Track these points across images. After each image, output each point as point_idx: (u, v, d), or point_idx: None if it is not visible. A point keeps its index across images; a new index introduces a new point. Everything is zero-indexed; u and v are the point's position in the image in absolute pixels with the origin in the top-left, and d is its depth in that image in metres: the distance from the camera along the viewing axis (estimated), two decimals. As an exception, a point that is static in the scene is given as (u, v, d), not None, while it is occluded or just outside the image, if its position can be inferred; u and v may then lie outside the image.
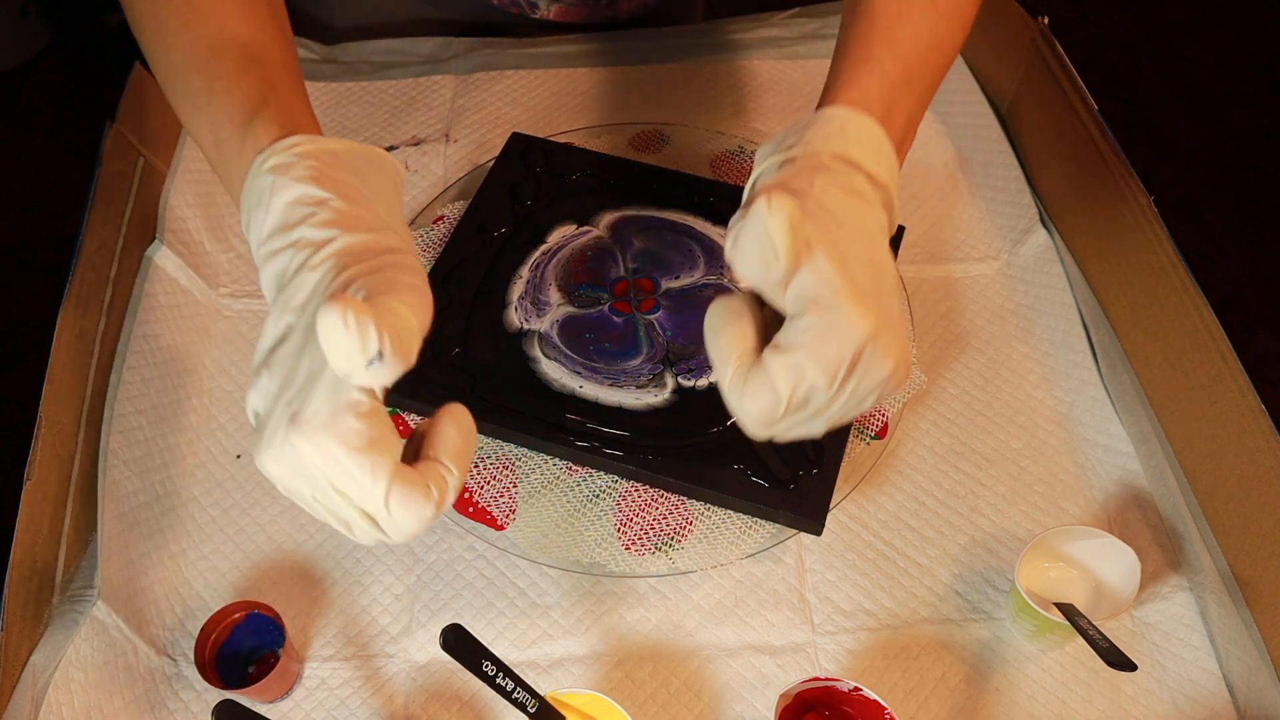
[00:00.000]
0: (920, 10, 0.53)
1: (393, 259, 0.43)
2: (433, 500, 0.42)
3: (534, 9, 0.91)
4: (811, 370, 0.42)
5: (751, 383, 0.43)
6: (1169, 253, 0.66)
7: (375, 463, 0.40)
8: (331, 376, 0.40)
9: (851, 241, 0.44)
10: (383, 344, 0.38)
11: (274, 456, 0.40)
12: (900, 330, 0.44)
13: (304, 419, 0.39)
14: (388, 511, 0.41)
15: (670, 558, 0.63)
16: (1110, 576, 0.61)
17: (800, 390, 0.43)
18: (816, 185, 0.45)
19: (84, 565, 0.62)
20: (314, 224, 0.43)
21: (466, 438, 0.44)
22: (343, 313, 0.37)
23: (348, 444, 0.39)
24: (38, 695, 0.54)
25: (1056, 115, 0.77)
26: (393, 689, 0.61)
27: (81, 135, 1.89)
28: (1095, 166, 0.73)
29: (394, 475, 0.40)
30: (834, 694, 0.55)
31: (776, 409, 0.43)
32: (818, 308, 0.42)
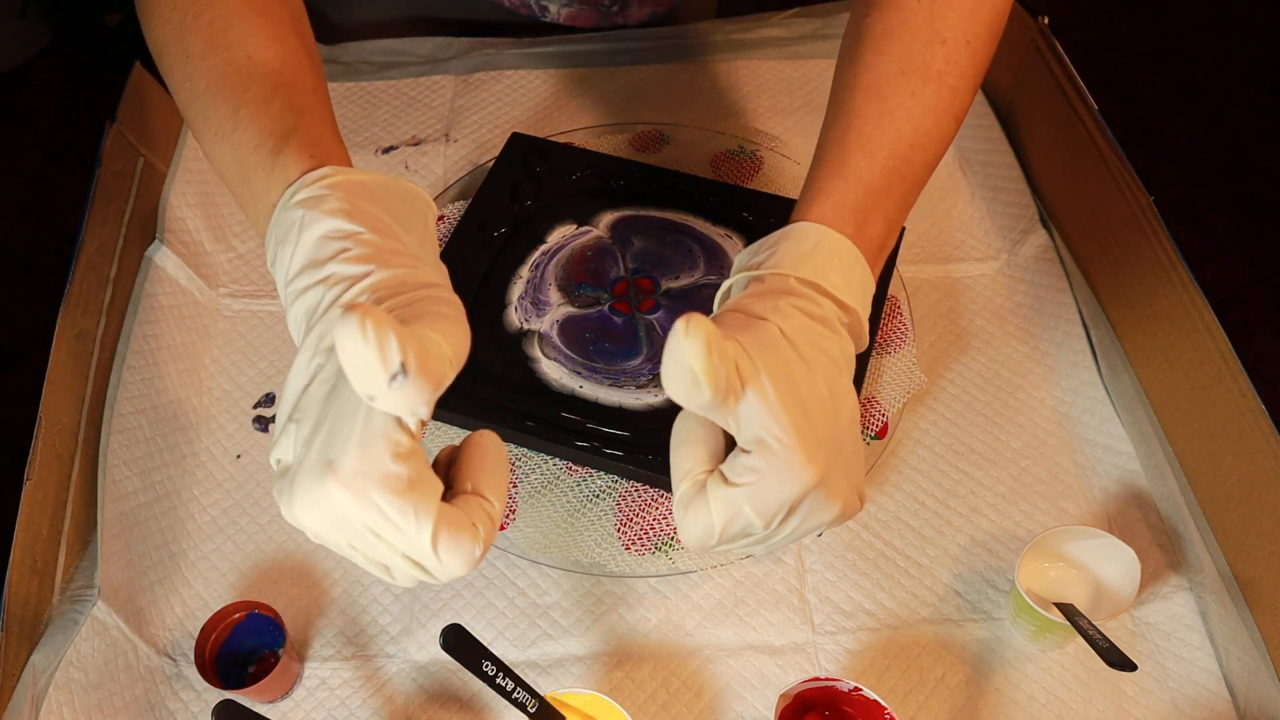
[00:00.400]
0: (903, 107, 0.51)
1: (429, 293, 0.41)
2: (479, 539, 0.40)
3: (545, 12, 0.91)
4: (748, 510, 0.41)
5: (691, 508, 0.42)
6: (1169, 253, 0.66)
7: (419, 508, 0.38)
8: (365, 417, 0.37)
9: (809, 373, 0.43)
10: (405, 357, 0.35)
11: (308, 506, 0.37)
12: (854, 465, 0.44)
13: (341, 465, 0.37)
14: (436, 557, 0.38)
15: (670, 558, 0.63)
16: (1110, 576, 0.61)
17: (734, 526, 0.42)
18: (780, 310, 0.44)
19: (84, 565, 0.62)
20: (346, 259, 0.41)
21: (501, 466, 0.43)
22: (360, 321, 0.33)
23: (389, 489, 0.37)
24: (38, 695, 0.54)
25: (1056, 115, 0.77)
26: (393, 689, 0.61)
27: (81, 135, 1.89)
28: (1095, 166, 0.73)
29: (439, 519, 0.38)
30: (834, 694, 0.55)
31: (710, 538, 0.43)
32: (763, 449, 0.41)
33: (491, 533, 0.41)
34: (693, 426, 0.44)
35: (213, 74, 0.49)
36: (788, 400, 0.41)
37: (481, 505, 0.41)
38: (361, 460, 0.37)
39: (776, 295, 0.45)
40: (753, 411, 0.41)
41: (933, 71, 0.51)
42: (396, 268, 0.42)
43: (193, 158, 0.82)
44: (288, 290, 0.43)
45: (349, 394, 0.38)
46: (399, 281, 0.41)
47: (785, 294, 0.45)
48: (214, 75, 0.49)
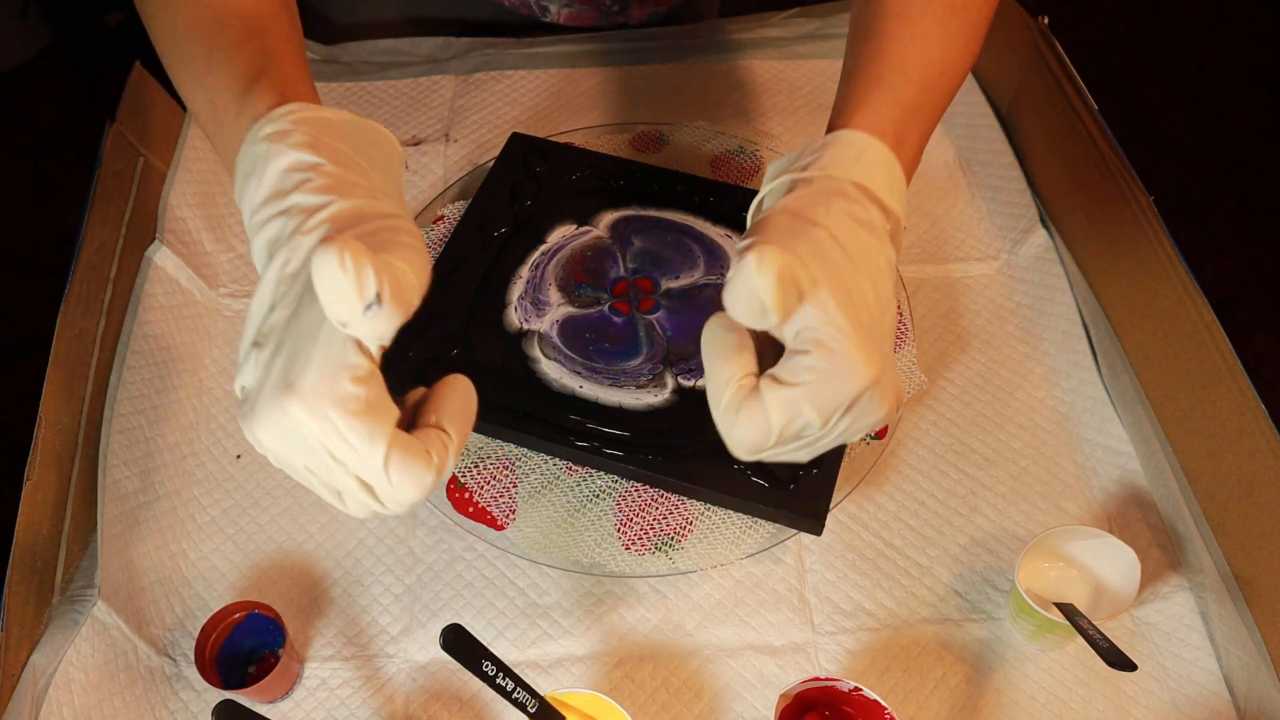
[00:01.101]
0: (932, 34, 0.52)
1: (390, 222, 0.42)
2: (433, 466, 0.41)
3: (545, 13, 0.91)
4: (808, 410, 0.42)
5: (745, 411, 0.43)
6: (1169, 253, 0.66)
7: (373, 428, 0.39)
8: (327, 341, 0.39)
9: (859, 279, 0.44)
10: (381, 287, 0.37)
11: (266, 424, 0.39)
12: (895, 371, 0.44)
13: (300, 384, 0.38)
14: (387, 478, 0.40)
15: (670, 558, 0.63)
16: (1110, 576, 0.61)
17: (793, 426, 0.43)
18: (832, 214, 0.45)
19: (84, 565, 0.62)
20: (308, 190, 0.42)
21: (467, 404, 0.44)
22: (339, 252, 0.36)
23: (345, 408, 0.38)
24: (38, 695, 0.54)
25: (1056, 115, 0.77)
26: (393, 689, 0.61)
27: (81, 135, 1.89)
28: (1095, 166, 0.73)
29: (393, 440, 0.39)
30: (834, 694, 0.55)
31: (767, 440, 0.43)
32: (822, 350, 0.42)
33: (446, 463, 0.42)
34: (726, 335, 0.45)
35: (190, 20, 0.50)
36: (844, 305, 0.43)
37: (440, 437, 0.42)
38: (320, 380, 0.38)
39: (828, 198, 0.46)
40: (810, 317, 0.42)
41: (958, 5, 0.53)
42: (357, 198, 0.43)
43: (193, 158, 0.82)
44: (252, 221, 0.44)
45: (310, 318, 0.40)
46: (357, 212, 0.42)
47: (837, 196, 0.46)
48: (191, 22, 0.50)
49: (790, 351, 0.43)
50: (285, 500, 0.69)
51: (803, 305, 0.42)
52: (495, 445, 0.67)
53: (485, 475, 0.66)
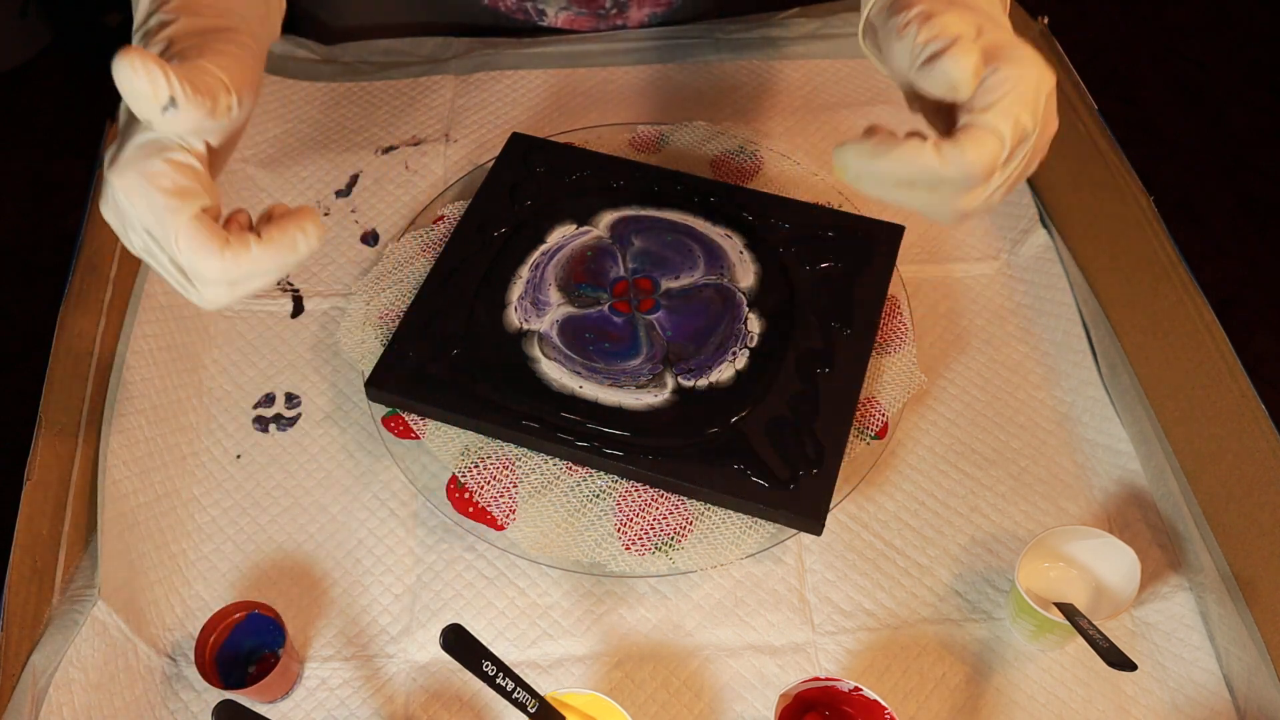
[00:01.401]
0: None
1: (220, 35, 0.47)
2: (227, 248, 0.45)
3: (542, 16, 0.91)
4: (1023, 113, 0.46)
5: (969, 137, 0.45)
6: (1169, 253, 0.66)
7: (172, 203, 0.44)
8: (144, 132, 0.45)
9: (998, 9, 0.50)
10: (173, 89, 0.42)
11: (104, 201, 0.46)
12: None
13: (117, 161, 0.45)
14: (178, 251, 0.45)
15: (670, 558, 0.63)
16: (1110, 576, 0.61)
17: (1016, 132, 0.46)
18: None
19: (84, 565, 0.62)
20: (162, 12, 0.48)
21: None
22: (130, 60, 0.41)
23: (151, 182, 0.44)
24: (38, 695, 0.54)
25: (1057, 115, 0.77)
26: (393, 689, 0.61)
27: (81, 135, 1.88)
28: (1095, 166, 0.73)
29: (191, 218, 0.44)
30: (834, 694, 0.55)
31: (1000, 154, 0.46)
32: (1008, 62, 0.46)
33: (241, 243, 0.46)
34: (884, 134, 0.48)
35: None
36: (1007, 30, 0.49)
37: (244, 239, 0.46)
38: (132, 156, 0.45)
39: None
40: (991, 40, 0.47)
41: None
42: (200, 18, 0.48)
43: (193, 158, 0.82)
44: (133, 35, 0.50)
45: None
46: (197, 28, 0.48)
47: None
48: None
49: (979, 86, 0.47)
50: (285, 500, 0.69)
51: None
52: (495, 445, 0.67)
53: (485, 475, 0.66)
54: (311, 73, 0.93)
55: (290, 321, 0.78)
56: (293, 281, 0.80)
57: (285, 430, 0.72)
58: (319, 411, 0.73)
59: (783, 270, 0.72)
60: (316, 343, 0.77)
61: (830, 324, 0.69)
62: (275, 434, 0.72)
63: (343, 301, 0.79)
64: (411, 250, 0.77)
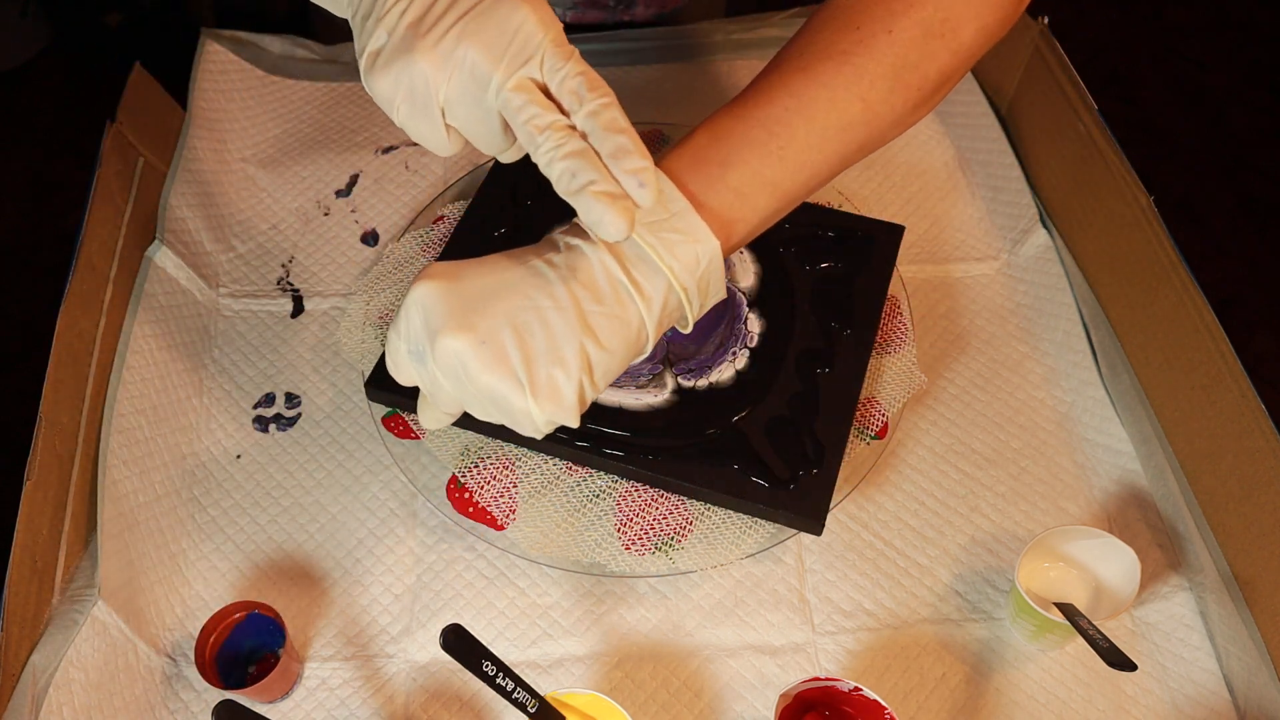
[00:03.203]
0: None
1: None
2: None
3: None
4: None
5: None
6: (1169, 253, 0.66)
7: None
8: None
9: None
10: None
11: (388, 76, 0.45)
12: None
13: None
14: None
15: (670, 558, 0.63)
16: (1110, 576, 0.61)
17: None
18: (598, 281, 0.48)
19: (84, 565, 0.62)
20: None
21: None
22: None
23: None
24: (38, 695, 0.54)
25: (1056, 115, 0.77)
26: (393, 689, 0.61)
27: (81, 135, 1.88)
28: (1095, 166, 0.73)
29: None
30: (834, 694, 0.55)
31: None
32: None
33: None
34: None
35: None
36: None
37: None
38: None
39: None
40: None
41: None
42: None
43: (193, 158, 0.82)
44: None
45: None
46: None
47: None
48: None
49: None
50: (285, 500, 0.69)
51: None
52: (495, 445, 0.67)
53: (485, 475, 0.66)
54: (311, 73, 0.93)
55: (290, 321, 0.78)
56: (293, 282, 0.80)
57: (285, 430, 0.72)
58: (319, 411, 0.73)
59: (783, 270, 0.72)
60: (316, 343, 0.77)
61: (830, 324, 0.69)
62: (275, 434, 0.72)
63: (343, 301, 0.79)
64: (411, 250, 0.77)
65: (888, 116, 0.51)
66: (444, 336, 0.45)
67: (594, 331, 0.46)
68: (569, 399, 0.45)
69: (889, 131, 0.52)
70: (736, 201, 0.49)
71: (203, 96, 0.86)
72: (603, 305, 0.46)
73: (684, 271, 0.47)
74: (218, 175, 0.85)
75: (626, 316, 0.46)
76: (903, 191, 0.85)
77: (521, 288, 0.46)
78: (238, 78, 0.90)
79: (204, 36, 0.89)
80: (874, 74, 0.50)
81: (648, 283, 0.47)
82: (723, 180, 0.49)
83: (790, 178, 0.50)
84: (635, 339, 0.47)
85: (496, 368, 0.44)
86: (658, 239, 0.46)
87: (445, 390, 0.47)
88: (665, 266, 0.46)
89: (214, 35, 0.90)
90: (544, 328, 0.45)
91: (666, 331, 0.69)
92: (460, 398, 0.47)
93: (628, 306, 0.46)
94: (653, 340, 0.48)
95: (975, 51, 0.53)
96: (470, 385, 0.45)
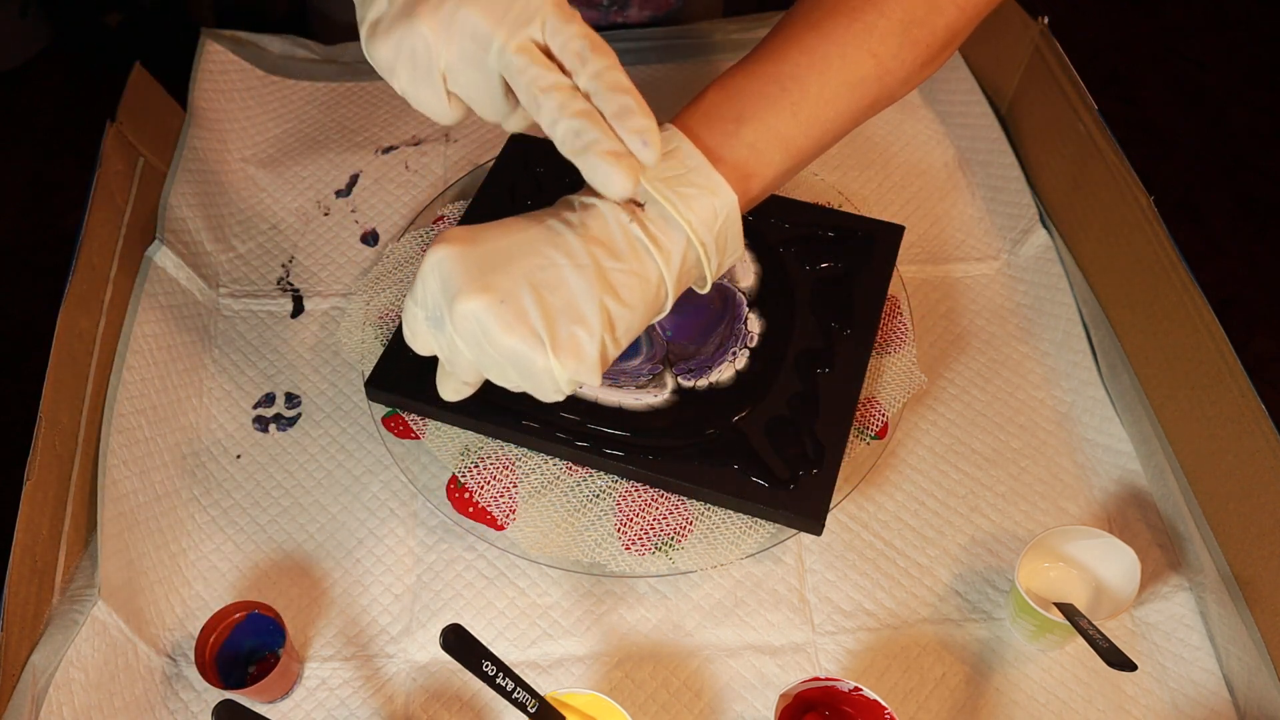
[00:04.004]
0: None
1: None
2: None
3: None
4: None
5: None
6: (1169, 253, 0.66)
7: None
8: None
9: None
10: None
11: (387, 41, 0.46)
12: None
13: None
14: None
15: (670, 558, 0.63)
16: (1110, 576, 0.61)
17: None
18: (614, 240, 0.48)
19: (84, 565, 0.62)
20: None
21: None
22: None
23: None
24: (38, 695, 0.54)
25: (1056, 115, 0.77)
26: (393, 689, 0.61)
27: (81, 135, 1.88)
28: (1095, 166, 0.73)
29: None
30: (834, 694, 0.55)
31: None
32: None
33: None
34: None
35: None
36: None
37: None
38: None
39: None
40: None
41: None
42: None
43: (193, 158, 0.82)
44: None
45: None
46: None
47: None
48: None
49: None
50: (285, 500, 0.69)
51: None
52: (495, 445, 0.67)
53: (485, 475, 0.66)
54: (311, 73, 0.93)
55: (290, 321, 0.78)
56: (293, 282, 0.80)
57: (285, 430, 0.72)
58: (319, 411, 0.73)
59: (783, 270, 0.72)
60: (316, 343, 0.77)
61: (830, 324, 0.69)
62: (275, 434, 0.72)
63: (343, 301, 0.79)
64: (411, 250, 0.77)
65: (898, 73, 0.52)
66: (462, 299, 0.44)
67: (614, 288, 0.45)
68: (591, 356, 0.45)
69: (898, 89, 0.53)
70: (751, 157, 0.49)
71: (203, 96, 0.86)
72: (621, 262, 0.46)
73: (702, 225, 0.47)
74: (218, 175, 0.85)
75: (645, 272, 0.46)
76: (903, 191, 0.85)
77: (539, 247, 0.46)
78: (238, 78, 0.90)
79: (204, 36, 0.89)
80: (883, 30, 0.50)
81: (666, 238, 0.46)
82: (737, 135, 0.49)
83: (804, 134, 0.50)
84: (655, 295, 0.47)
85: (517, 327, 0.44)
86: (674, 194, 0.46)
87: (464, 357, 0.47)
88: (683, 221, 0.46)
89: (214, 35, 0.90)
90: (563, 286, 0.45)
91: (666, 330, 0.69)
92: (480, 363, 0.47)
93: (646, 263, 0.46)
94: (672, 297, 0.48)
95: (981, 9, 0.53)
96: (490, 348, 0.45)
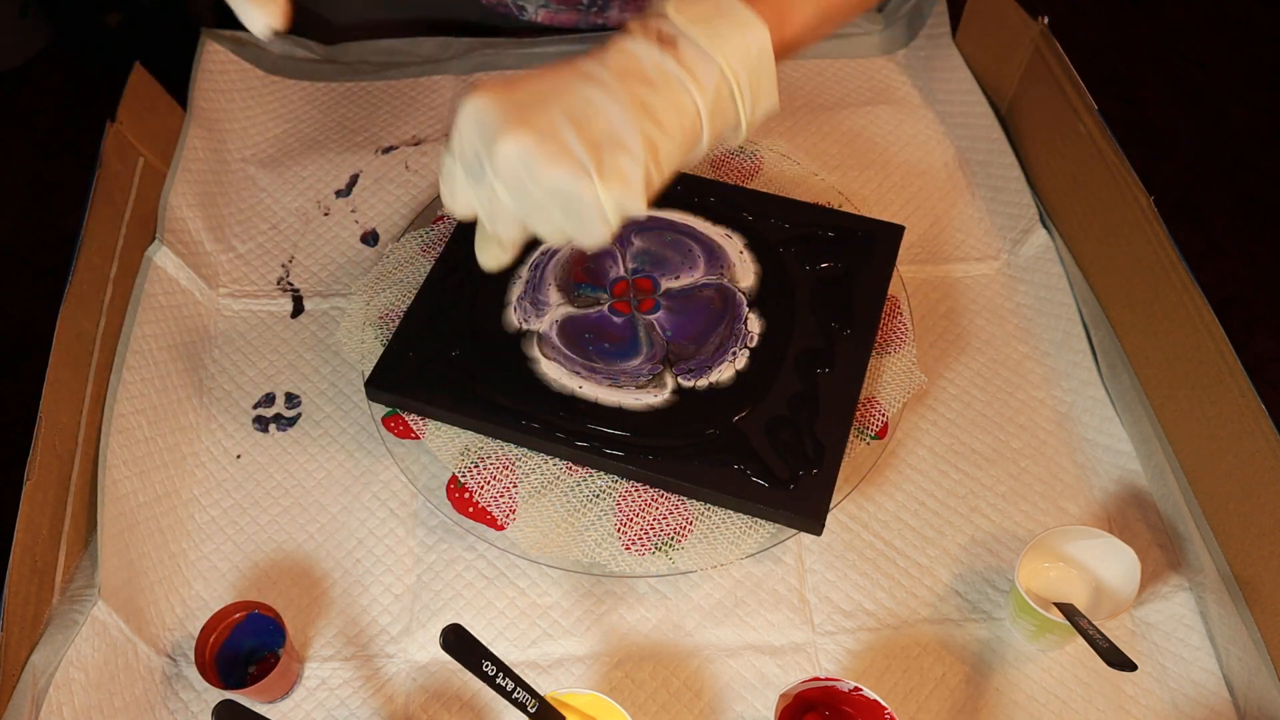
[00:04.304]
0: None
1: None
2: None
3: (522, 11, 0.91)
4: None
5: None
6: (1169, 253, 0.66)
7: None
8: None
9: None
10: None
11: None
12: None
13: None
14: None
15: (670, 558, 0.63)
16: (1110, 576, 0.61)
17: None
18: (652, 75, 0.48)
19: (84, 565, 0.62)
20: None
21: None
22: None
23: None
24: (38, 695, 0.54)
25: (1056, 115, 0.77)
26: (393, 689, 0.61)
27: (81, 135, 1.88)
28: (1095, 166, 0.73)
29: None
30: (834, 694, 0.55)
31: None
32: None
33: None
34: None
35: None
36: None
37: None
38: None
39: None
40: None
41: None
42: None
43: (193, 158, 0.82)
44: None
45: None
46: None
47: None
48: None
49: None
50: (285, 500, 0.69)
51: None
52: (495, 445, 0.67)
53: (485, 475, 0.66)
54: (311, 73, 0.93)
55: (290, 321, 0.78)
56: (293, 282, 0.80)
57: (285, 430, 0.72)
58: (319, 411, 0.73)
59: (783, 270, 0.72)
60: (316, 343, 0.77)
61: (830, 324, 0.69)
62: (275, 434, 0.72)
63: (343, 301, 0.79)
64: (411, 250, 0.77)
65: None
66: (502, 140, 0.44)
67: (653, 114, 0.46)
68: (637, 180, 0.45)
69: None
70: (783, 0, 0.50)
71: (203, 96, 0.86)
72: (657, 93, 0.46)
73: (735, 57, 0.47)
74: (218, 175, 0.85)
75: (681, 102, 0.47)
76: (903, 191, 0.85)
77: (574, 85, 0.46)
78: (238, 78, 0.90)
79: (204, 36, 0.89)
80: None
81: (699, 70, 0.47)
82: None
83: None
84: (691, 126, 0.47)
85: (561, 158, 0.44)
86: (707, 27, 0.47)
87: (506, 207, 0.47)
88: (716, 54, 0.47)
89: (214, 35, 0.90)
90: (602, 116, 0.45)
91: (666, 330, 0.69)
92: (523, 209, 0.47)
93: (681, 94, 0.47)
94: (707, 133, 0.48)
95: None
96: (534, 187, 0.45)
